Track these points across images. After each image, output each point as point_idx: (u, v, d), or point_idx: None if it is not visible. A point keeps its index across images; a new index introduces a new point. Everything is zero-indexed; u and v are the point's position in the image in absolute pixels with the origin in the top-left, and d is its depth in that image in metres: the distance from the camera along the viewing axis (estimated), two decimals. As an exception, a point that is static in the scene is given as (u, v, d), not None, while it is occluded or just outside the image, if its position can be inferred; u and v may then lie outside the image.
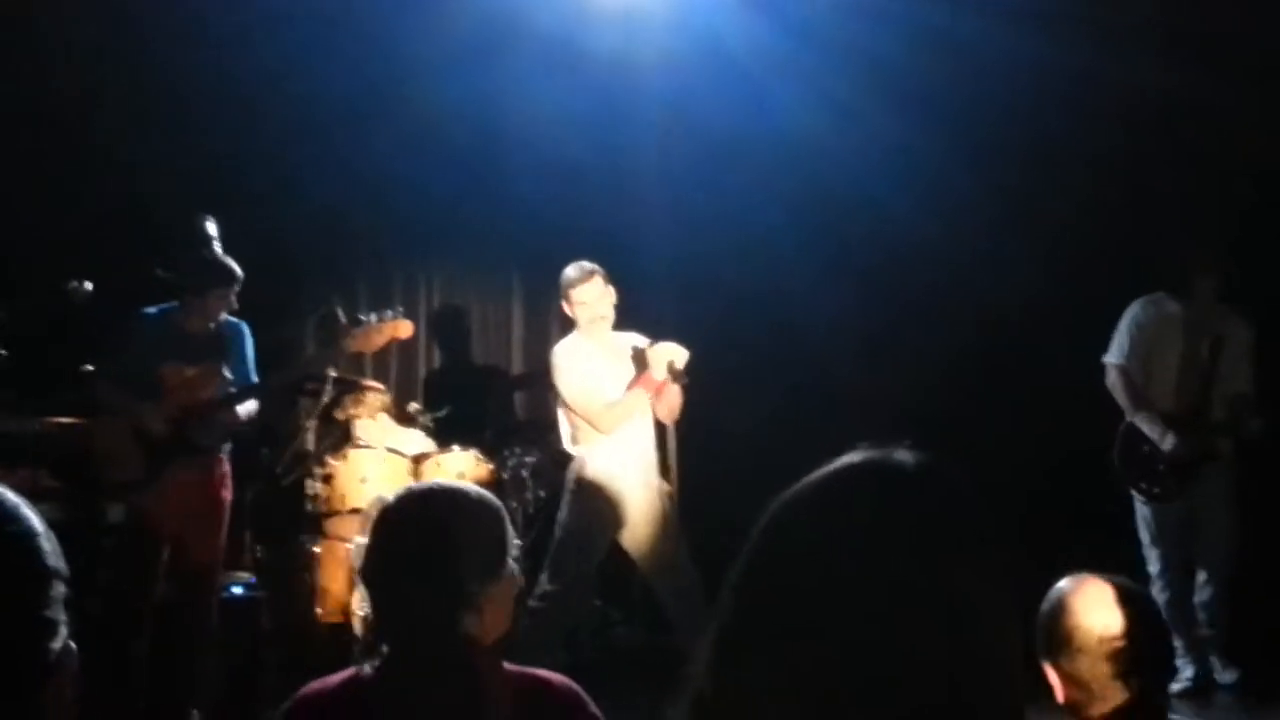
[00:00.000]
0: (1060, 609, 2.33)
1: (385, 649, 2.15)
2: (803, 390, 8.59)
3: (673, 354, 5.74)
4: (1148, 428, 6.22)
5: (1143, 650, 2.28)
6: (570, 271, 5.86)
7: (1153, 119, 7.69)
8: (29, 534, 1.21)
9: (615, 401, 5.81)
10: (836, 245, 8.45)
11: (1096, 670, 2.27)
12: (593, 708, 2.20)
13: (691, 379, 6.01)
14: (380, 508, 2.28)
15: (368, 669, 2.14)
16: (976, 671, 1.08)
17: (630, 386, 5.81)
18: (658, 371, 5.72)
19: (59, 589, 1.21)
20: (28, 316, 5.23)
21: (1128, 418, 6.32)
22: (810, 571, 1.13)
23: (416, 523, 2.17)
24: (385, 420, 7.07)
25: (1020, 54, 7.49)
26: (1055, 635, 2.32)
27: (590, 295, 5.79)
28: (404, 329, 5.88)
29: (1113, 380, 6.38)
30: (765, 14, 8.02)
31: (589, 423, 5.86)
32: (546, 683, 2.18)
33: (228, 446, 5.84)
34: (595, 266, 5.85)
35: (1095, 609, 2.30)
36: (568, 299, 5.88)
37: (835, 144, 8.14)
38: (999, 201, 8.11)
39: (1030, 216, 8.17)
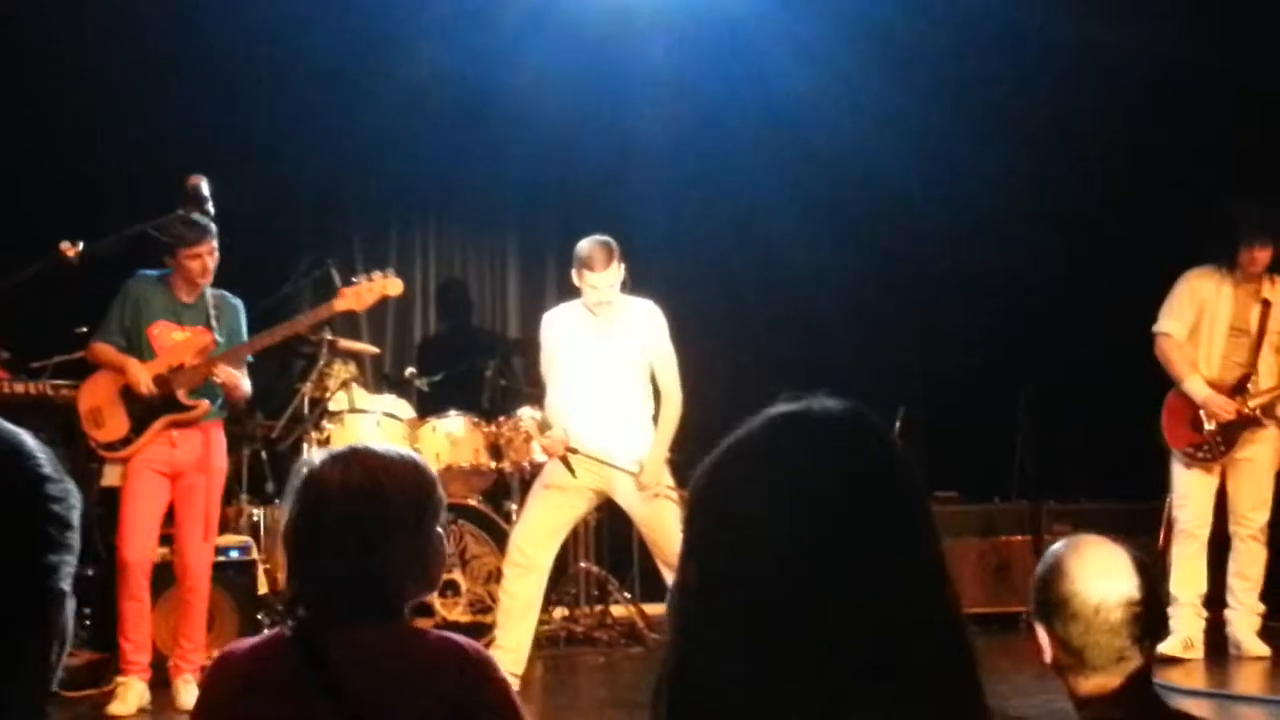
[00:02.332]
0: (1055, 572, 2.28)
1: (303, 609, 2.18)
2: (800, 357, 8.57)
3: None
4: (1192, 390, 6.31)
5: (1140, 618, 2.24)
6: (588, 250, 5.64)
7: (1156, 85, 7.64)
8: (40, 479, 1.21)
9: (551, 411, 5.81)
10: (833, 210, 8.42)
11: (1089, 638, 2.23)
12: (501, 673, 2.22)
13: (686, 344, 5.98)
14: (306, 471, 2.28)
15: (286, 630, 2.17)
16: (919, 584, 1.21)
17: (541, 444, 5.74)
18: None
19: (63, 534, 1.22)
20: (18, 278, 5.19)
21: (1178, 385, 6.39)
22: (748, 525, 1.20)
23: (342, 485, 2.18)
24: (357, 391, 7.03)
25: (1021, 19, 7.44)
26: (1049, 599, 2.28)
27: (603, 282, 5.62)
28: (394, 286, 5.86)
29: (1161, 349, 6.46)
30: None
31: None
32: (459, 645, 2.19)
33: (223, 414, 5.81)
34: (614, 247, 5.65)
35: (1093, 575, 2.26)
36: (579, 275, 5.69)
37: (832, 109, 8.10)
38: (999, 168, 8.06)
39: (1032, 185, 8.13)
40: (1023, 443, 7.82)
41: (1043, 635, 2.27)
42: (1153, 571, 2.38)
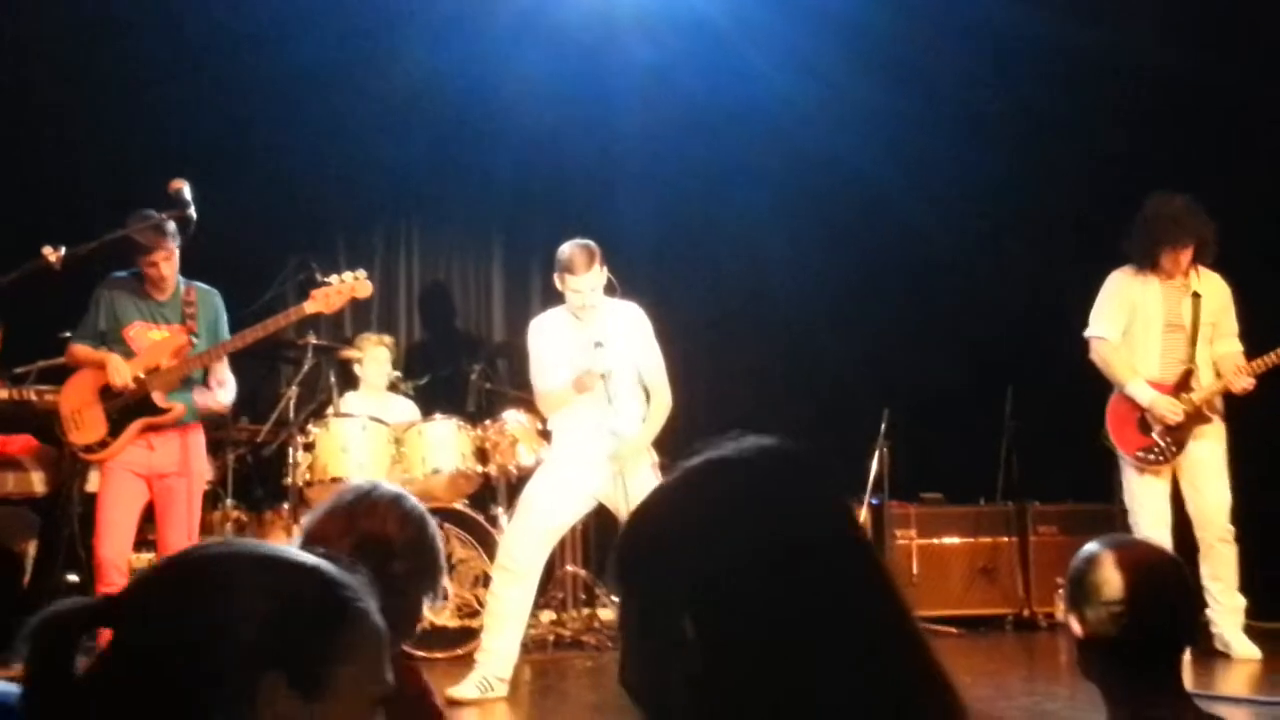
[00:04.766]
0: (1087, 566, 2.32)
1: None
2: (786, 360, 8.59)
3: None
4: (1136, 394, 6.27)
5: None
6: (569, 255, 5.63)
7: (1142, 91, 7.67)
8: None
9: (550, 390, 5.75)
10: (818, 214, 8.44)
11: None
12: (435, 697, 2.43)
13: (671, 349, 5.97)
14: (364, 493, 2.45)
15: None
16: (871, 600, 1.20)
17: (572, 382, 5.65)
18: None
19: None
20: (2, 283, 5.17)
21: (1119, 388, 6.35)
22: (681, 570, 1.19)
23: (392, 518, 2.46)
24: (385, 364, 7.37)
25: (1008, 22, 7.45)
26: (1078, 589, 2.32)
27: (584, 285, 5.60)
28: (362, 289, 5.86)
29: (1098, 353, 6.40)
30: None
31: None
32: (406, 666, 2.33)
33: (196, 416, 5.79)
34: (595, 250, 5.63)
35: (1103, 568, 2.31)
36: (561, 279, 5.68)
37: (817, 113, 8.11)
38: (983, 172, 8.09)
39: (1018, 189, 8.15)
40: (1008, 444, 7.82)
41: (1074, 625, 2.29)
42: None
